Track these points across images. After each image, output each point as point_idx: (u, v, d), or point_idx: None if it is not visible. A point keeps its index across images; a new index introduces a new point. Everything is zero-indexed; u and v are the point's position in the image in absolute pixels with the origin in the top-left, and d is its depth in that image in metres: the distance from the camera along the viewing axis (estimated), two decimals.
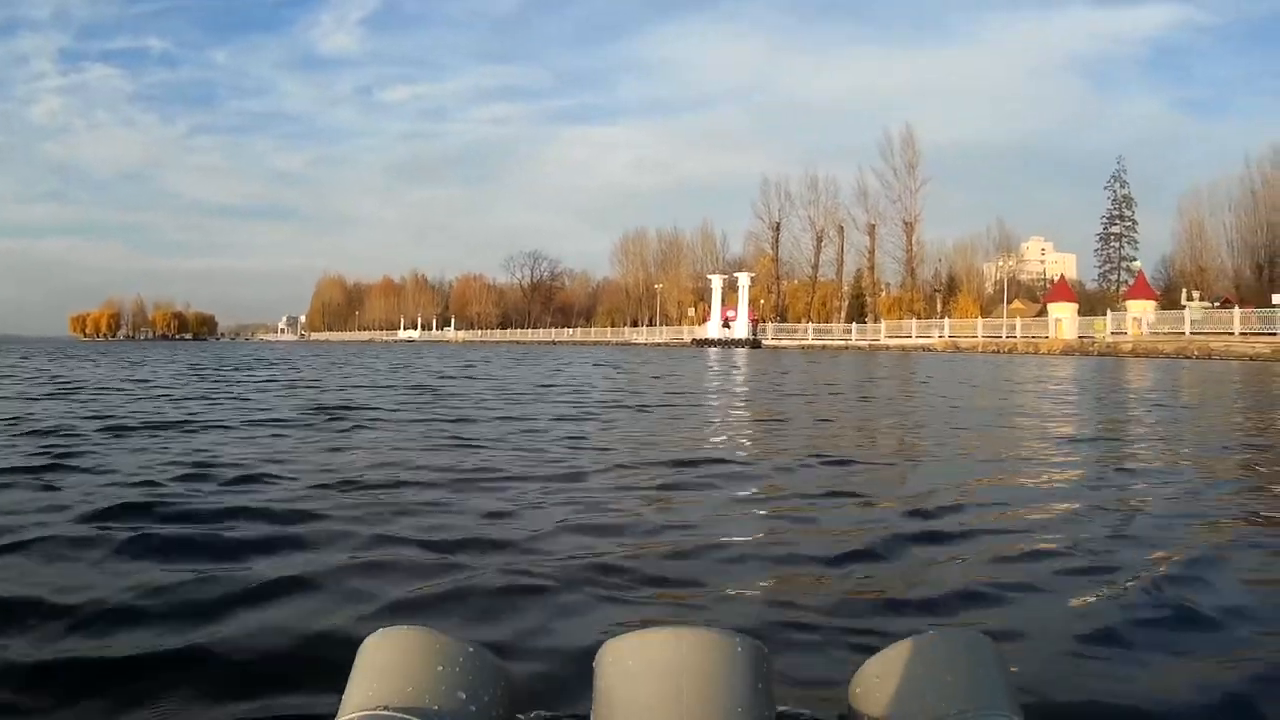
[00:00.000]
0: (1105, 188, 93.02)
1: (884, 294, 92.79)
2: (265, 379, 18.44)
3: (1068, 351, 51.29)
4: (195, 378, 18.51)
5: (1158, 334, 52.04)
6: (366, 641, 1.36)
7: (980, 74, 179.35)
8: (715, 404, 13.28)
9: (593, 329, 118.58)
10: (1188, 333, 49.88)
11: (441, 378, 19.45)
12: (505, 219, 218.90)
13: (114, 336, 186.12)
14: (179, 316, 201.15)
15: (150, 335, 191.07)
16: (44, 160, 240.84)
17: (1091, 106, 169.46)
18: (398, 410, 10.66)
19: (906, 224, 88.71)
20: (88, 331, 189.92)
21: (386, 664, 1.29)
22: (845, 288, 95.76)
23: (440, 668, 1.29)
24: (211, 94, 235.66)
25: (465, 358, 38.14)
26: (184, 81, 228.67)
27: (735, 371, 26.66)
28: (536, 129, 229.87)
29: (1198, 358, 42.46)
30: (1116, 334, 55.65)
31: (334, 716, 1.24)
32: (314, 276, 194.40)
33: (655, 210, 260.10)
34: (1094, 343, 52.74)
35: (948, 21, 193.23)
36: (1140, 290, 62.18)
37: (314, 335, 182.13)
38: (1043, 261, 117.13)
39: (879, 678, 1.33)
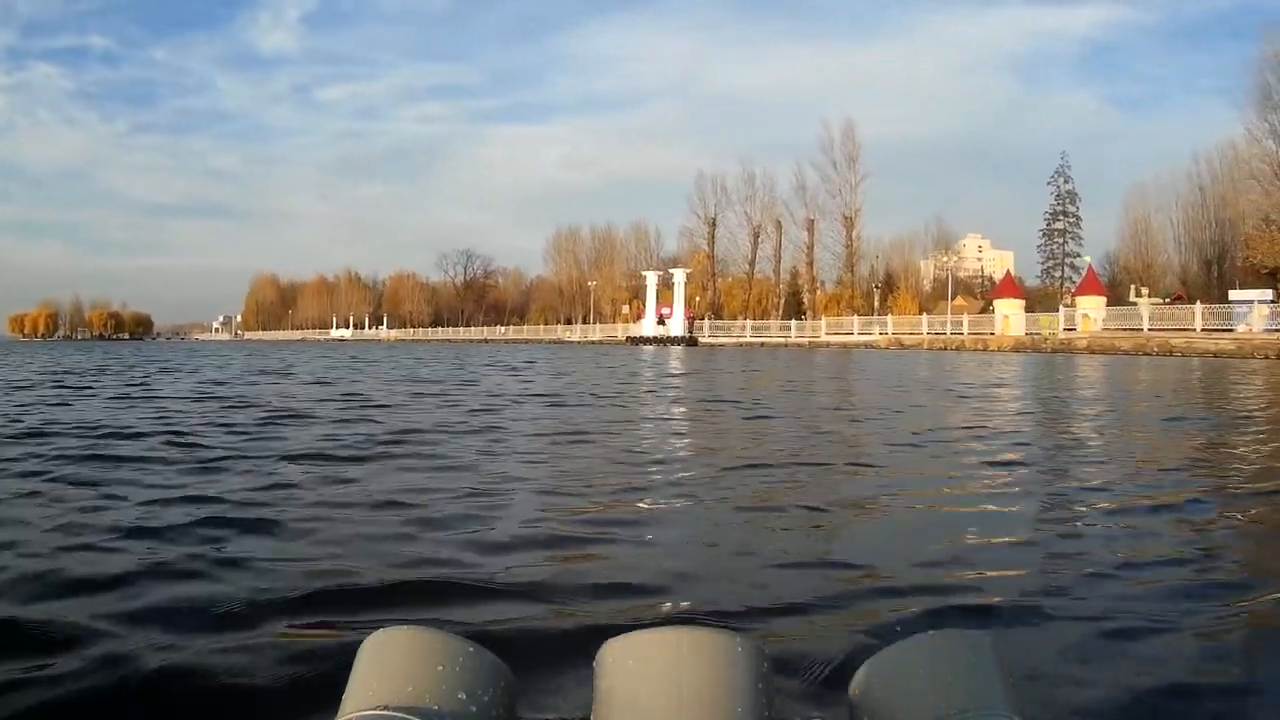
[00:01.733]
0: (1048, 183, 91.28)
1: (820, 291, 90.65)
2: None
3: (1019, 348, 48.77)
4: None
5: (1113, 330, 49.64)
6: (366, 641, 1.32)
7: (914, 70, 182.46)
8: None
9: (525, 327, 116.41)
10: (1145, 329, 47.60)
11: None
12: (439, 217, 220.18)
13: (52, 337, 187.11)
14: (115, 316, 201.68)
15: (87, 335, 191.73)
16: None
17: (1025, 104, 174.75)
18: None
19: (846, 218, 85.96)
20: (26, 332, 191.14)
21: (386, 664, 1.28)
22: (782, 285, 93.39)
23: (440, 667, 1.26)
24: (151, 92, 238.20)
25: (353, 357, 35.04)
26: (125, 80, 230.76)
27: (671, 375, 24.73)
28: (469, 127, 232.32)
29: (1158, 354, 40.08)
30: (1068, 330, 53.70)
31: (334, 717, 1.22)
32: (247, 276, 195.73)
33: (589, 207, 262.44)
34: (1046, 339, 50.24)
35: (882, 18, 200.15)
36: (1090, 286, 60.11)
37: (248, 335, 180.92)
38: (980, 259, 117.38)
39: (879, 678, 1.31)
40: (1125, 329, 49.44)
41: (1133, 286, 64.14)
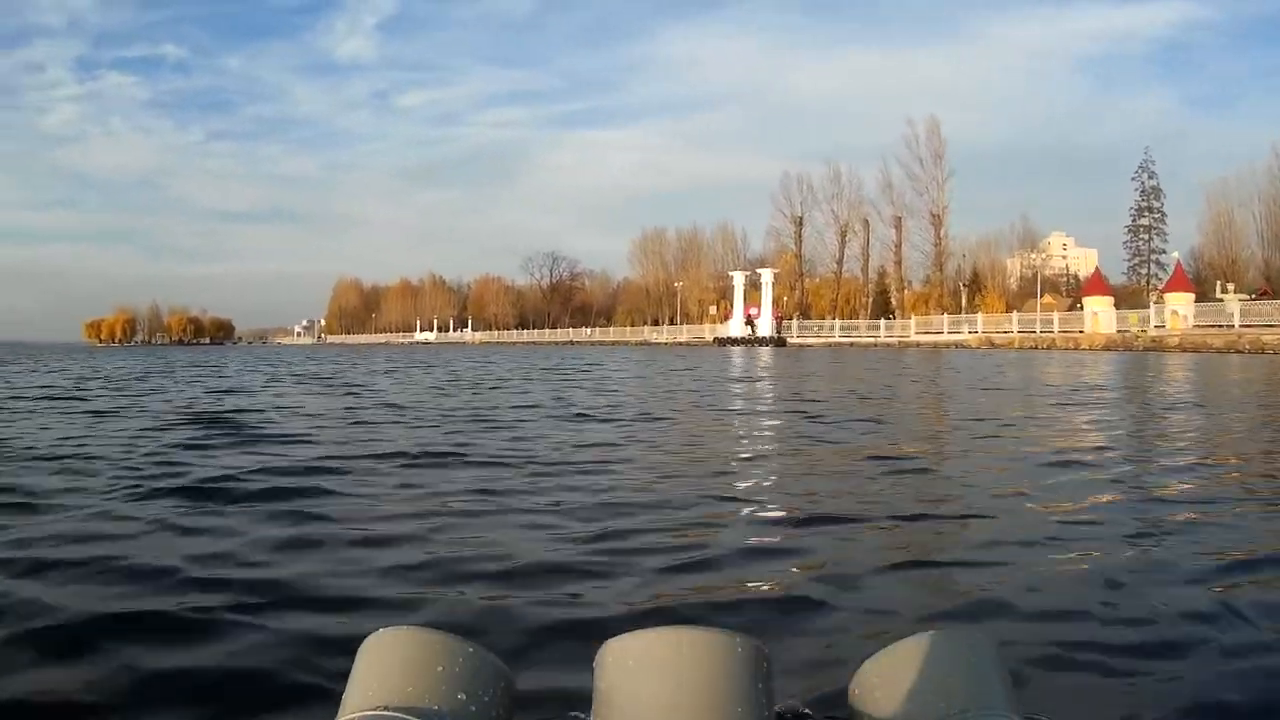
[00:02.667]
0: (1132, 179, 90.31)
1: (907, 290, 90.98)
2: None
3: (1110, 346, 49.17)
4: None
5: (1204, 327, 49.87)
6: (366, 641, 1.32)
7: (988, 72, 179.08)
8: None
9: (611, 329, 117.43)
10: (1236, 325, 47.76)
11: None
12: (518, 221, 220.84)
13: (129, 342, 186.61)
14: (195, 321, 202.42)
15: (165, 341, 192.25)
16: (57, 168, 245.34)
17: (1100, 103, 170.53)
18: None
19: (934, 216, 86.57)
20: (102, 337, 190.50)
21: (386, 664, 1.28)
22: (869, 284, 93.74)
23: (440, 668, 1.27)
24: (226, 100, 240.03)
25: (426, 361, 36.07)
26: (198, 88, 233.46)
27: (759, 378, 24.77)
28: (547, 131, 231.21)
29: (1249, 352, 40.40)
30: (1157, 328, 53.82)
31: (334, 717, 1.23)
32: (329, 280, 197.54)
33: (669, 211, 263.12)
34: (1137, 338, 50.47)
35: (953, 20, 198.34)
36: (1178, 282, 59.86)
37: (330, 338, 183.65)
38: (1064, 256, 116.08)
39: (879, 678, 1.32)
40: (1215, 326, 49.72)
41: (1218, 283, 63.71)
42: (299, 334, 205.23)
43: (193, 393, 15.53)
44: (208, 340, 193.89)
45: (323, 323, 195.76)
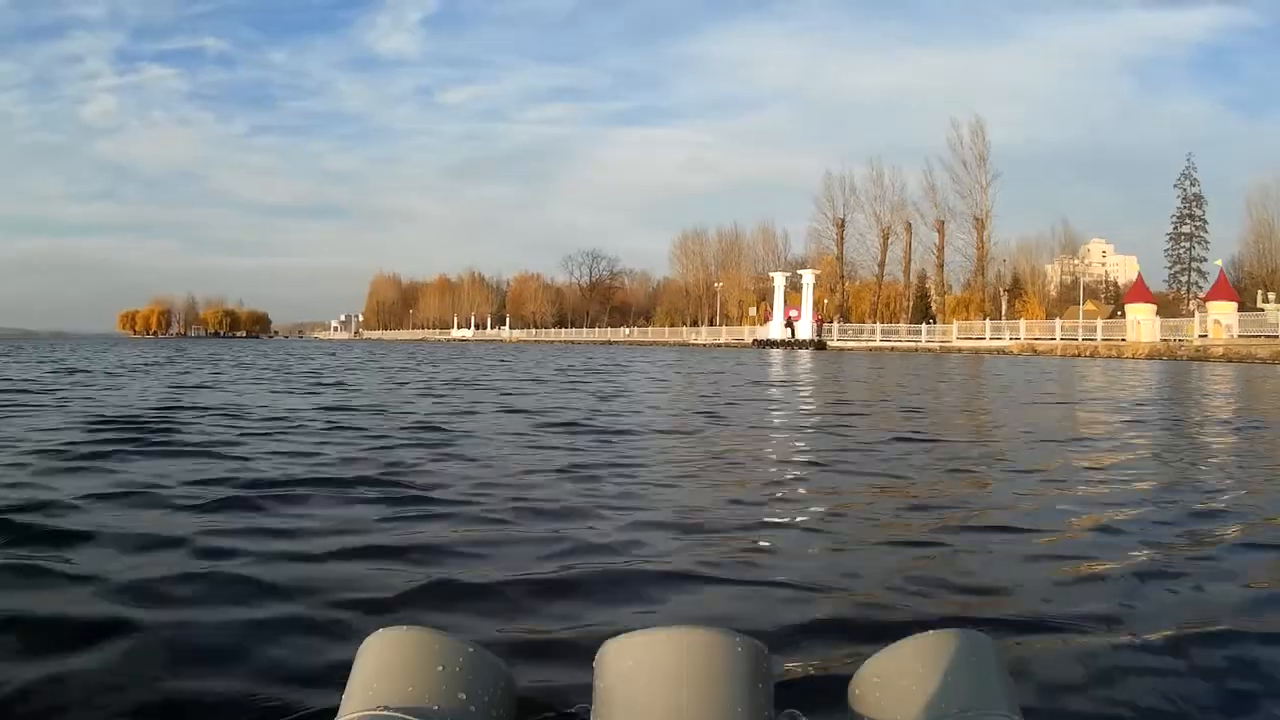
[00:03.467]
0: (1175, 185, 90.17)
1: (948, 294, 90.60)
2: None
3: (1154, 355, 48.84)
4: None
5: (1248, 337, 49.53)
6: (366, 641, 1.35)
7: (1030, 75, 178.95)
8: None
9: (650, 329, 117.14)
10: None
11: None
12: (562, 218, 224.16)
13: (164, 334, 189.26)
14: (231, 314, 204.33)
15: (201, 333, 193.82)
16: (97, 159, 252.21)
17: (1141, 108, 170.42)
18: None
19: (977, 220, 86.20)
20: (137, 329, 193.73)
21: (386, 664, 1.30)
22: (910, 288, 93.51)
23: (440, 668, 1.29)
24: (268, 94, 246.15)
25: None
26: (241, 81, 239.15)
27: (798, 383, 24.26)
28: (592, 129, 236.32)
29: None
30: (1200, 337, 53.41)
31: (334, 716, 1.24)
32: (368, 276, 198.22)
33: (712, 210, 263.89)
34: (1180, 346, 50.14)
35: (996, 23, 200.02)
36: (1222, 291, 59.44)
37: (368, 334, 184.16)
38: (1104, 263, 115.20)
39: (879, 678, 1.34)
40: (1261, 336, 49.30)
41: (1259, 292, 63.02)
42: (336, 329, 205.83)
43: (159, 389, 15.05)
44: (243, 333, 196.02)
45: (360, 318, 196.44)
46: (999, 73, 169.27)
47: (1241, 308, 57.46)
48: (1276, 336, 47.38)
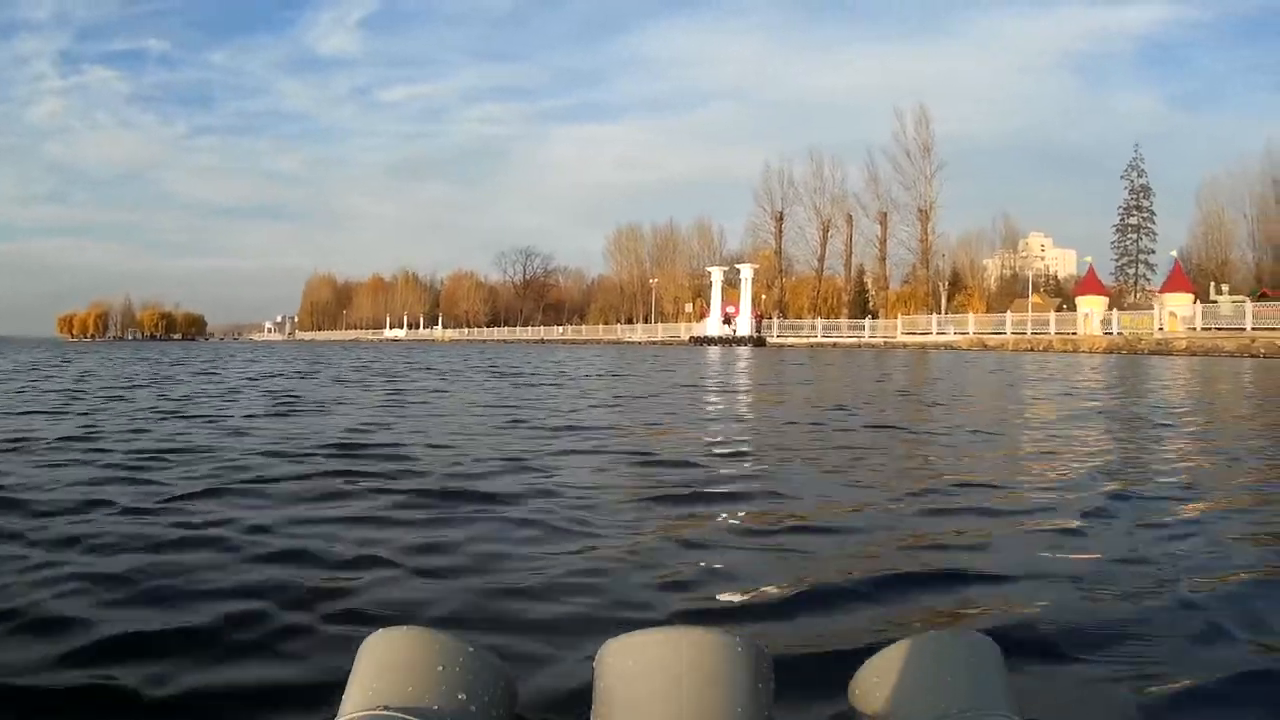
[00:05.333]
0: (1122, 177, 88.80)
1: (889, 289, 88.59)
2: None
3: (1112, 350, 46.33)
4: None
5: (1214, 330, 47.07)
6: (366, 641, 1.36)
7: (972, 71, 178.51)
8: None
9: (584, 327, 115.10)
10: (1248, 328, 44.90)
11: None
12: (502, 218, 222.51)
13: (102, 337, 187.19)
14: (167, 317, 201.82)
15: (138, 336, 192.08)
16: (44, 161, 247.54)
17: (1084, 102, 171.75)
18: None
19: (921, 211, 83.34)
20: (75, 332, 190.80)
21: (386, 664, 1.30)
22: (849, 282, 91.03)
23: (440, 668, 1.29)
24: (209, 95, 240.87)
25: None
26: (183, 82, 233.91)
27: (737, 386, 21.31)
28: (533, 127, 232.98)
29: (1265, 356, 37.61)
30: (1146, 332, 51.35)
31: (334, 716, 1.25)
32: (307, 276, 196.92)
33: (652, 208, 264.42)
34: (1141, 340, 47.60)
35: (939, 19, 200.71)
36: (1177, 283, 57.21)
37: (302, 335, 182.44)
38: (1042, 257, 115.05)
39: (879, 678, 1.35)
40: (1226, 329, 46.89)
41: (1211, 284, 61.35)
42: (270, 330, 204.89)
43: None
44: (179, 336, 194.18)
45: (296, 319, 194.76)
46: (943, 69, 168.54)
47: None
48: (1243, 330, 44.69)
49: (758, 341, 73.78)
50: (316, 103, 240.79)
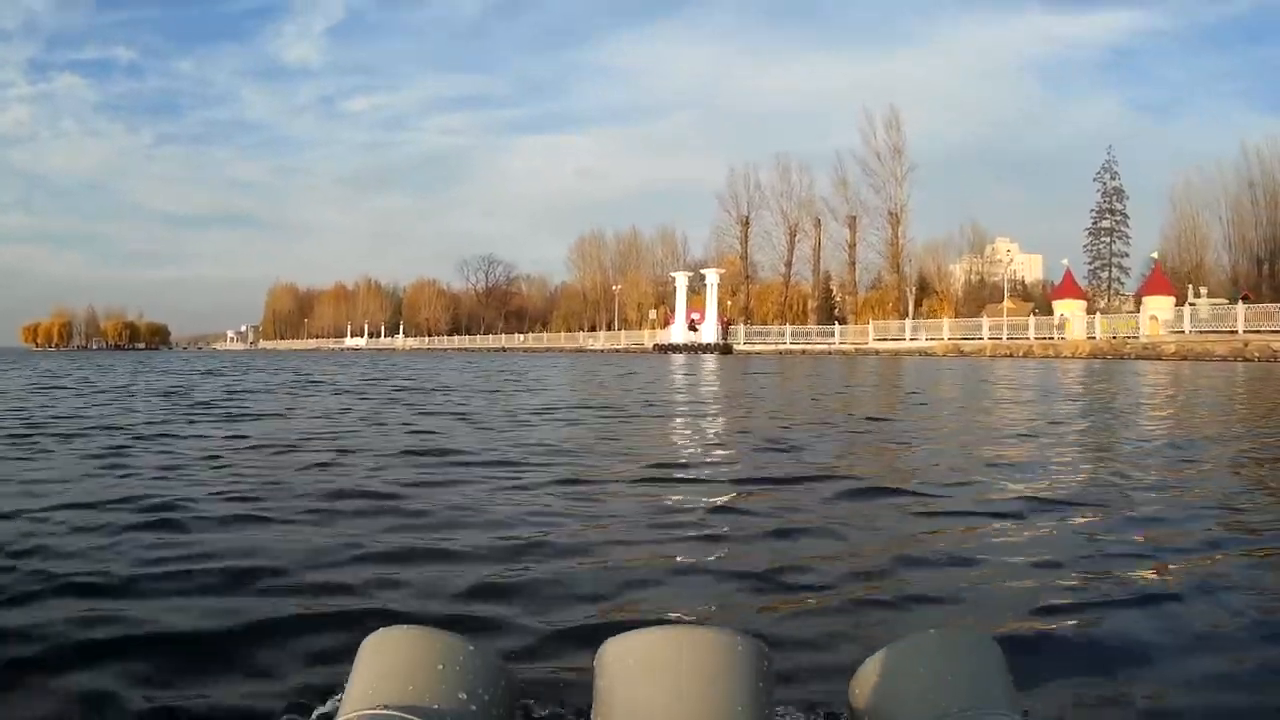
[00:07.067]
0: (1094, 179, 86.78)
1: (857, 294, 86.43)
2: None
3: (1096, 354, 44.34)
4: None
5: (1205, 333, 44.99)
6: (367, 640, 1.36)
7: (936, 78, 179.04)
8: None
9: (546, 335, 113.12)
10: (1240, 331, 42.79)
11: None
12: (465, 227, 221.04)
13: (65, 346, 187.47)
14: (131, 326, 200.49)
15: (102, 345, 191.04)
16: (9, 168, 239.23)
17: (1048, 109, 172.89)
18: None
19: (892, 214, 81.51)
20: (39, 342, 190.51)
21: (387, 663, 1.30)
22: (816, 288, 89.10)
23: (441, 667, 1.28)
24: (174, 104, 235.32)
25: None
26: (150, 91, 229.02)
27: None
28: (494, 137, 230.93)
29: (1259, 360, 35.66)
30: (1131, 336, 49.47)
31: (334, 715, 1.26)
32: (270, 285, 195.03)
33: (615, 218, 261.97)
34: (1127, 344, 45.53)
35: (903, 27, 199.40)
36: (1158, 285, 55.35)
37: (265, 344, 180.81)
38: (1008, 261, 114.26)
39: (879, 676, 1.34)
40: (1216, 332, 44.85)
41: (1190, 287, 59.68)
42: (232, 339, 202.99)
43: None
44: (143, 345, 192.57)
45: (260, 328, 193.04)
46: (907, 76, 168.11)
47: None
48: (1235, 333, 42.67)
49: (724, 349, 71.98)
50: (280, 112, 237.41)
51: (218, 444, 8.02)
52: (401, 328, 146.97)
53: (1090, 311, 58.59)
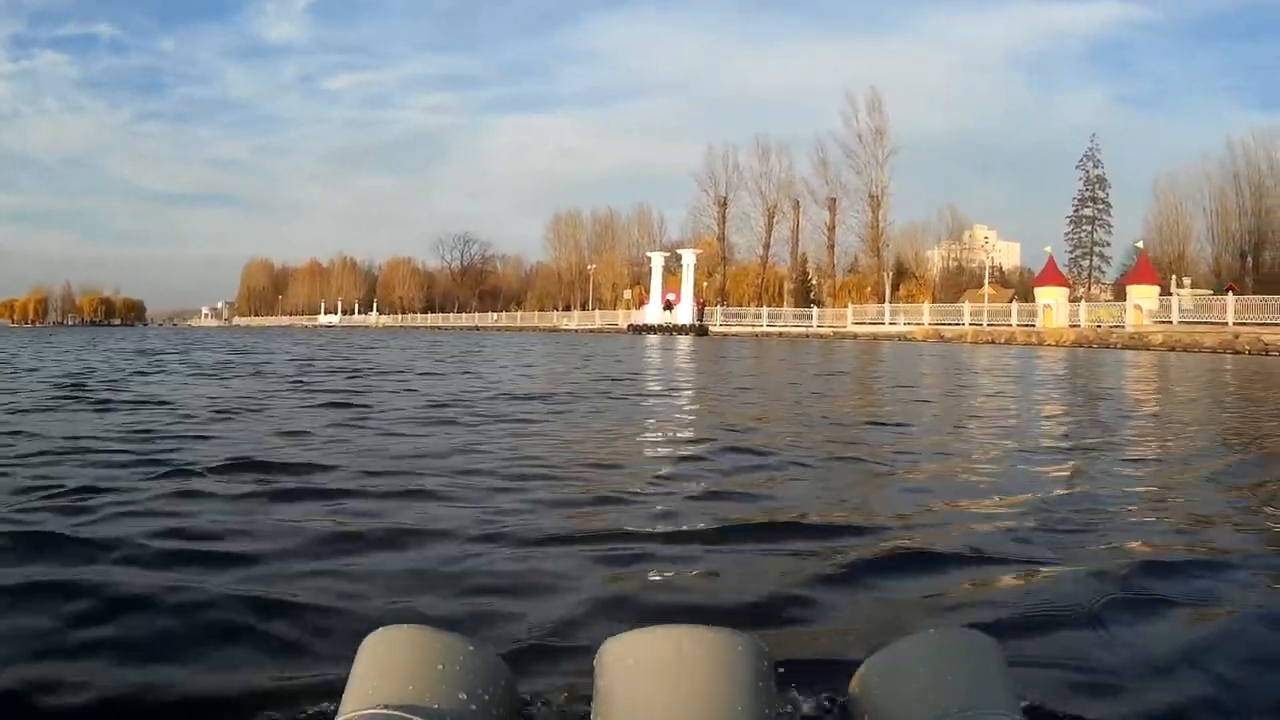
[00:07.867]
0: (1077, 166, 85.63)
1: (835, 277, 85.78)
2: None
3: (1080, 343, 43.20)
4: None
5: (1192, 324, 44.00)
6: (367, 640, 1.36)
7: (920, 67, 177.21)
8: None
9: (520, 314, 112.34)
10: (1230, 323, 41.85)
11: None
12: (445, 206, 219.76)
13: (41, 322, 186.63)
14: (106, 303, 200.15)
15: (77, 322, 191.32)
16: None
17: (1032, 101, 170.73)
18: None
19: (873, 196, 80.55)
20: (16, 318, 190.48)
21: (387, 663, 1.30)
22: (794, 270, 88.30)
23: (441, 666, 1.28)
24: (159, 81, 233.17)
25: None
26: (132, 68, 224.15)
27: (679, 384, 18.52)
28: (477, 117, 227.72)
29: (1250, 353, 34.59)
30: (1116, 325, 48.46)
31: (334, 715, 1.26)
32: (246, 262, 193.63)
33: (593, 199, 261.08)
34: (1113, 333, 44.45)
35: (888, 16, 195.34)
36: (1143, 274, 53.96)
37: (239, 320, 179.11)
38: (985, 249, 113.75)
39: (880, 675, 1.35)
40: (1204, 323, 43.78)
41: (1174, 278, 58.76)
42: (207, 316, 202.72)
43: None
44: (119, 322, 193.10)
45: (235, 305, 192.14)
46: (891, 66, 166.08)
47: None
48: (1225, 324, 41.67)
49: (700, 330, 70.88)
50: (262, 90, 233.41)
51: None
52: (375, 305, 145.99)
53: (1071, 300, 57.45)
